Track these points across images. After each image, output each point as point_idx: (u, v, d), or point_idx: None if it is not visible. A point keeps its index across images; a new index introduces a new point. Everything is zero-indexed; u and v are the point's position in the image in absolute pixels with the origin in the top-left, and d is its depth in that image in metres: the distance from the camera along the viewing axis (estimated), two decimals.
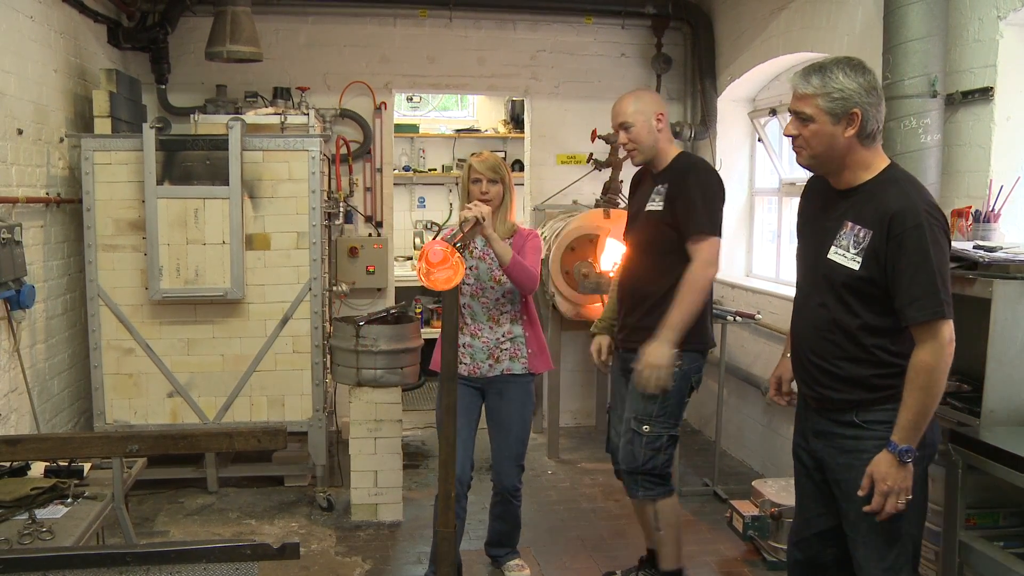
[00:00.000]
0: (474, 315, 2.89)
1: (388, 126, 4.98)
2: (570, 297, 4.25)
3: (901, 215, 1.84)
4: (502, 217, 2.87)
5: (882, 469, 1.88)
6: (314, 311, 3.84)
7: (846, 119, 1.90)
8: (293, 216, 3.78)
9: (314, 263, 3.82)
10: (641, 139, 2.68)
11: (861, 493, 1.90)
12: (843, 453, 1.99)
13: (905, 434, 1.87)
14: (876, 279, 1.89)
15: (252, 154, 3.74)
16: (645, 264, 2.71)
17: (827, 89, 1.90)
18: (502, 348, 2.88)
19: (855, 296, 1.93)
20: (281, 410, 3.86)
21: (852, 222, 1.93)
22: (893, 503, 1.87)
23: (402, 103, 7.22)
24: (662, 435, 2.68)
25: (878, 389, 1.94)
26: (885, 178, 1.94)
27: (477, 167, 2.83)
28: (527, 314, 2.94)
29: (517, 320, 2.91)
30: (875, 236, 1.88)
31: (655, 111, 2.69)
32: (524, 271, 2.73)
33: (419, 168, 7.07)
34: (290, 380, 3.85)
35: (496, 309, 2.89)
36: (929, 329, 1.83)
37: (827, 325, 1.98)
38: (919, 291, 1.83)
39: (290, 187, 3.77)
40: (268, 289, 3.79)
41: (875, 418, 1.94)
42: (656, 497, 2.71)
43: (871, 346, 1.93)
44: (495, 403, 2.92)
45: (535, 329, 2.94)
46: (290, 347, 3.83)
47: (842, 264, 1.94)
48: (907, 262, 1.83)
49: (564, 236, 4.22)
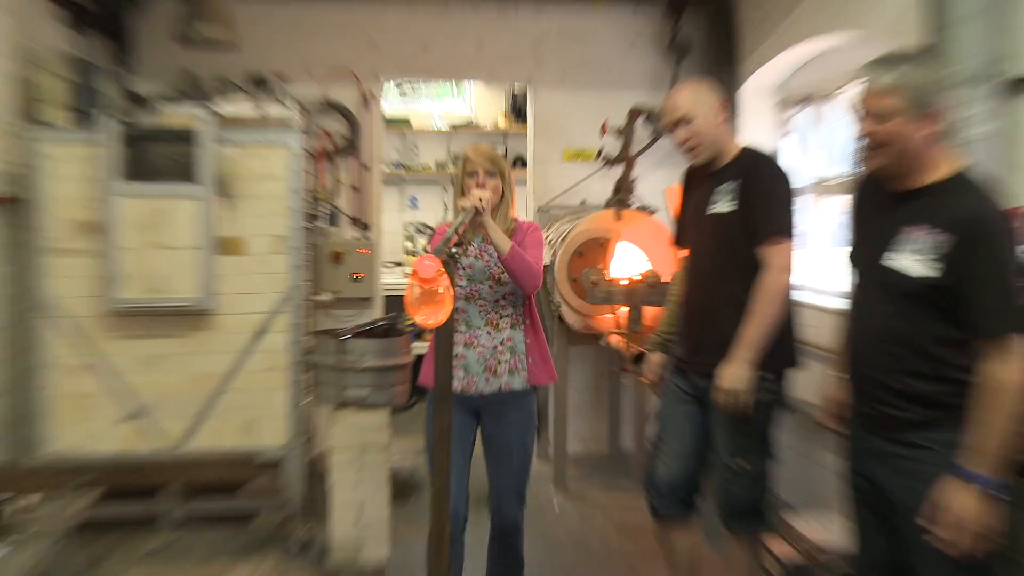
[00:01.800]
0: (469, 320, 2.88)
1: (377, 119, 4.97)
2: (578, 307, 4.22)
3: (982, 220, 1.87)
4: (502, 216, 2.86)
5: (951, 498, 1.85)
6: (293, 323, 3.83)
7: (926, 116, 1.93)
8: (271, 218, 3.80)
9: (294, 270, 3.82)
10: (704, 134, 2.66)
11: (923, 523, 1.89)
12: (906, 476, 1.98)
13: (979, 459, 1.84)
14: (947, 287, 1.90)
15: (227, 148, 3.75)
16: (710, 273, 2.70)
17: (906, 83, 1.92)
18: (500, 359, 2.87)
19: (920, 305, 1.93)
20: (254, 435, 3.84)
21: (919, 225, 1.96)
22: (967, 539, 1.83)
23: (392, 95, 7.19)
24: (760, 467, 2.69)
25: (943, 407, 1.93)
26: (960, 180, 1.96)
27: (473, 158, 2.83)
28: (529, 318, 2.93)
29: (518, 325, 2.90)
30: (949, 241, 1.89)
31: (716, 101, 2.68)
32: (524, 263, 2.71)
33: (411, 165, 7.07)
34: (264, 401, 3.83)
35: (495, 312, 2.88)
36: (1004, 343, 1.84)
37: (887, 337, 1.98)
38: (996, 302, 1.85)
39: (268, 186, 3.78)
40: (242, 299, 3.79)
41: (941, 438, 1.93)
42: (759, 533, 2.74)
43: (936, 359, 1.93)
44: (492, 427, 2.90)
45: (538, 335, 2.93)
46: (265, 364, 3.82)
47: (906, 271, 1.95)
48: (985, 271, 1.86)
49: (571, 240, 4.20)
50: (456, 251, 2.18)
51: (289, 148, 3.77)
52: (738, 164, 2.67)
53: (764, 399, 2.61)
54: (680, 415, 2.80)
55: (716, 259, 2.68)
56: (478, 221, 2.62)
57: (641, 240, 4.24)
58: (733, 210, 2.62)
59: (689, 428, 2.78)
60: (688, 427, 2.78)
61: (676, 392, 2.82)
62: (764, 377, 2.58)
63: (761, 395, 2.59)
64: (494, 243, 2.68)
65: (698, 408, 2.75)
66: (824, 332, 3.80)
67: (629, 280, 3.96)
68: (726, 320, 2.62)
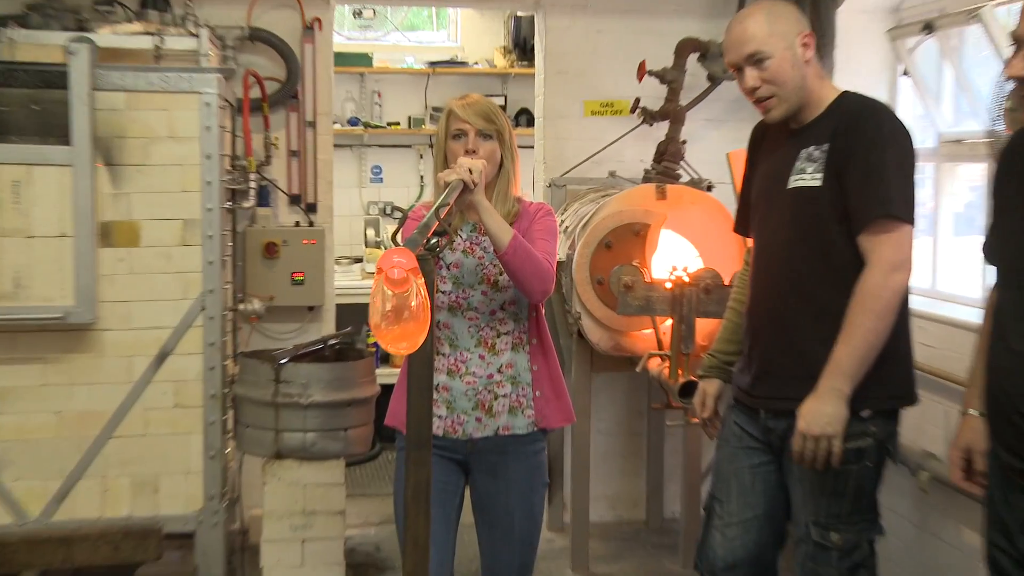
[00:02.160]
0: (455, 339, 2.89)
1: (325, 56, 4.96)
2: (605, 320, 4.22)
3: None
4: (501, 194, 2.87)
5: None
6: (208, 342, 3.83)
7: None
8: (176, 195, 3.78)
9: (209, 268, 3.82)
10: (784, 78, 2.66)
11: None
12: None
13: None
14: None
15: (109, 96, 3.71)
16: (789, 271, 2.70)
17: None
18: (497, 393, 2.88)
19: None
20: (153, 499, 3.83)
21: None
22: None
23: (347, 20, 7.19)
24: (860, 542, 2.69)
25: None
26: None
27: (460, 113, 2.84)
28: (537, 336, 2.94)
29: (522, 345, 2.91)
30: None
31: (799, 31, 2.68)
32: (531, 260, 2.71)
33: (373, 122, 7.07)
34: (169, 451, 3.83)
35: (490, 328, 2.88)
36: None
37: None
38: None
39: (171, 150, 3.77)
40: (136, 308, 3.79)
41: None
42: None
43: None
44: (487, 485, 2.92)
45: (549, 360, 2.95)
46: (170, 399, 3.82)
47: None
48: None
49: (596, 227, 4.19)
50: (437, 243, 2.18)
51: (201, 96, 3.75)
52: (832, 118, 2.68)
53: (864, 448, 2.62)
54: (745, 469, 2.81)
55: (798, 252, 2.68)
56: (467, 201, 2.62)
57: (692, 227, 4.23)
58: (825, 183, 2.63)
59: (758, 487, 2.79)
60: (757, 485, 2.80)
61: (739, 436, 2.83)
62: (865, 417, 2.59)
63: (860, 442, 2.60)
64: (489, 232, 2.69)
65: (770, 459, 2.76)
66: (951, 354, 3.82)
67: (675, 282, 3.96)
68: (811, 337, 2.63)
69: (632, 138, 4.93)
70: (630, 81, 4.73)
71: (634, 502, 5.23)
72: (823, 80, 2.75)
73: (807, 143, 2.68)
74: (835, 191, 2.60)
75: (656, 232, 4.18)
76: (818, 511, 2.66)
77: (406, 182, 7.22)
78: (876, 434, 2.63)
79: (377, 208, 7.16)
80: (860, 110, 2.66)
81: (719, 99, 4.86)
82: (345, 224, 6.80)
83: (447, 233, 2.24)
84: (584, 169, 5.02)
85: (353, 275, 6.67)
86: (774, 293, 2.74)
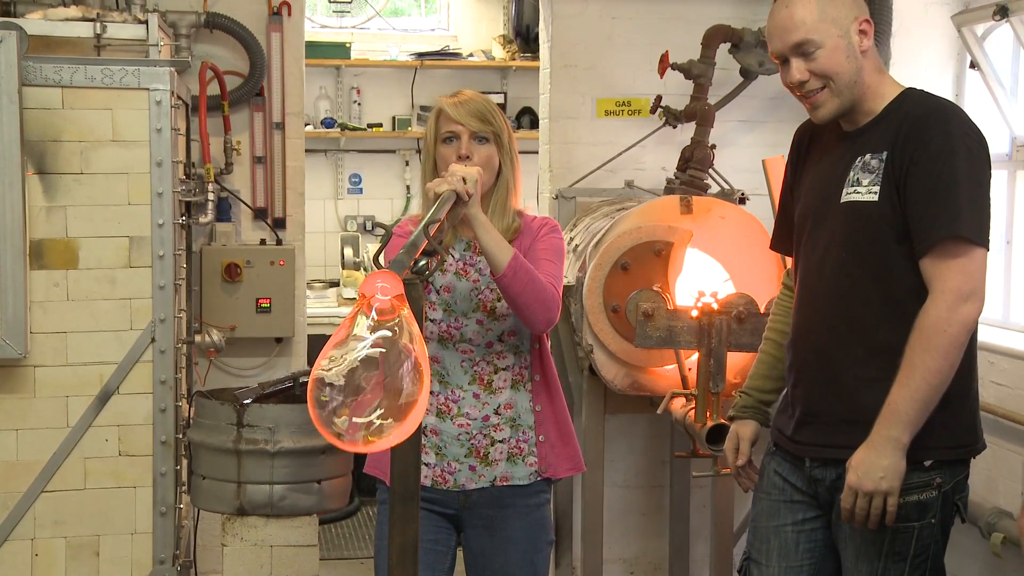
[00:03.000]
0: (445, 375, 2.91)
1: (295, 47, 4.99)
2: (621, 353, 4.22)
3: None
4: (499, 206, 2.88)
5: None
6: (159, 380, 3.82)
7: None
8: (121, 209, 3.78)
9: (160, 293, 3.81)
10: (837, 70, 2.65)
11: None
12: None
13: None
14: None
15: (42, 93, 3.71)
16: (838, 298, 2.70)
17: None
18: (494, 437, 2.89)
19: None
20: (93, 564, 3.80)
21: None
22: None
23: (320, 5, 7.22)
24: None
25: None
26: None
27: (452, 113, 2.85)
28: (541, 371, 2.95)
29: (523, 383, 2.92)
30: None
31: (855, 16, 2.68)
32: (533, 283, 2.72)
33: (351, 123, 7.08)
34: (112, 508, 3.81)
35: (486, 363, 2.90)
36: None
37: None
38: None
39: (115, 156, 3.77)
40: (73, 341, 3.78)
41: None
42: None
43: None
44: (482, 543, 2.94)
45: (554, 399, 2.96)
46: (113, 446, 3.80)
47: None
48: None
49: (611, 246, 4.19)
50: (427, 265, 2.18)
51: (151, 93, 3.74)
52: (893, 121, 2.67)
53: (927, 501, 2.61)
54: (787, 526, 2.80)
55: (850, 277, 2.68)
56: (460, 215, 2.63)
57: (723, 245, 4.24)
58: (883, 198, 2.62)
59: (802, 547, 2.78)
60: (801, 545, 2.78)
61: (780, 488, 2.83)
62: (926, 469, 2.59)
63: (922, 495, 2.59)
64: (485, 251, 2.70)
65: (817, 515, 2.76)
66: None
67: (703, 309, 3.96)
68: (864, 376, 2.63)
69: (652, 142, 4.94)
70: (651, 76, 4.74)
71: (655, 566, 5.21)
72: (882, 74, 2.75)
73: (863, 150, 2.68)
74: (895, 208, 2.59)
75: (680, 251, 4.17)
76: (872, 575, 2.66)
77: (389, 193, 7.24)
78: (941, 486, 2.62)
79: (356, 223, 7.17)
80: (926, 112, 2.65)
81: (754, 96, 4.88)
82: (319, 242, 6.81)
83: (437, 253, 2.25)
84: (596, 178, 5.03)
85: (328, 301, 6.66)
86: (821, 324, 2.73)
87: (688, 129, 4.63)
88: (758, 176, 4.72)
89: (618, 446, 5.02)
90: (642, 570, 5.24)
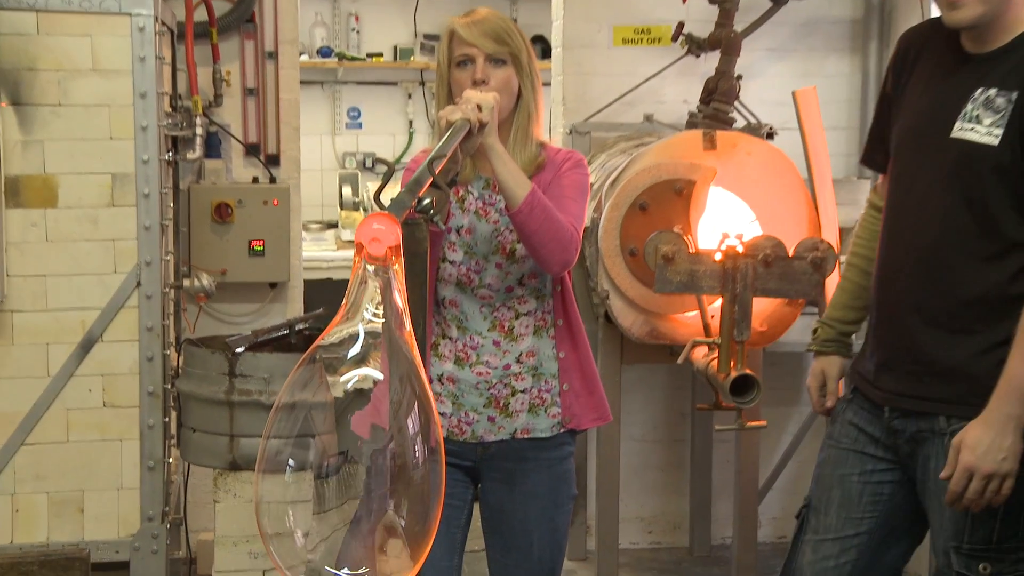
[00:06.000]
0: (463, 321, 2.91)
1: None
2: (639, 300, 4.25)
3: None
4: (519, 134, 2.86)
5: None
6: (145, 327, 3.86)
7: None
8: (102, 143, 3.82)
9: (146, 235, 3.85)
10: None
11: None
12: None
13: None
14: None
15: (15, 17, 3.73)
16: (938, 245, 2.64)
17: None
18: (516, 387, 2.91)
19: None
20: (78, 521, 3.86)
21: None
22: None
23: None
24: None
25: None
26: None
27: (464, 35, 2.81)
28: (564, 316, 2.96)
29: (545, 329, 2.95)
30: None
31: None
32: (550, 222, 2.70)
33: (350, 53, 7.10)
34: (97, 462, 3.86)
35: (507, 308, 2.91)
36: None
37: None
38: None
39: (95, 86, 3.80)
40: (53, 285, 3.83)
41: None
42: None
43: None
44: (501, 498, 2.98)
45: (578, 345, 2.97)
46: (97, 397, 3.85)
47: None
48: None
49: (629, 184, 4.20)
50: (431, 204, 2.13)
51: (132, 19, 3.76)
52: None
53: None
54: (853, 476, 2.79)
55: (953, 223, 2.61)
56: (476, 145, 2.61)
57: (749, 184, 4.24)
58: (1004, 143, 2.52)
59: (866, 500, 2.77)
60: (865, 498, 2.77)
61: (854, 437, 2.81)
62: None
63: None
64: (501, 184, 2.67)
65: (890, 467, 2.74)
66: None
67: (727, 252, 3.93)
68: (953, 327, 2.60)
69: (673, 73, 4.97)
70: (672, 1, 4.75)
71: (675, 525, 5.28)
72: None
73: (988, 81, 2.56)
74: (1017, 158, 2.51)
75: (703, 190, 4.19)
76: (962, 535, 2.63)
77: (390, 128, 7.27)
78: None
79: (355, 161, 7.21)
80: None
81: (784, 23, 4.80)
82: (315, 180, 6.88)
83: (455, 185, 2.18)
84: (613, 112, 5.05)
85: (326, 244, 6.73)
86: (914, 269, 2.68)
87: (712, 59, 4.60)
88: (788, 109, 4.68)
89: (636, 398, 5.06)
90: (660, 529, 5.30)
